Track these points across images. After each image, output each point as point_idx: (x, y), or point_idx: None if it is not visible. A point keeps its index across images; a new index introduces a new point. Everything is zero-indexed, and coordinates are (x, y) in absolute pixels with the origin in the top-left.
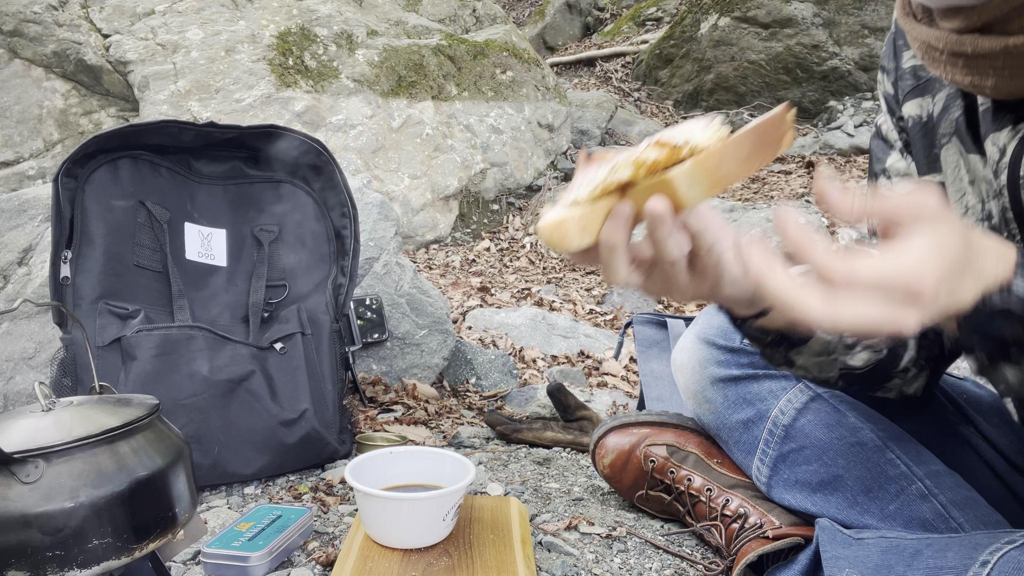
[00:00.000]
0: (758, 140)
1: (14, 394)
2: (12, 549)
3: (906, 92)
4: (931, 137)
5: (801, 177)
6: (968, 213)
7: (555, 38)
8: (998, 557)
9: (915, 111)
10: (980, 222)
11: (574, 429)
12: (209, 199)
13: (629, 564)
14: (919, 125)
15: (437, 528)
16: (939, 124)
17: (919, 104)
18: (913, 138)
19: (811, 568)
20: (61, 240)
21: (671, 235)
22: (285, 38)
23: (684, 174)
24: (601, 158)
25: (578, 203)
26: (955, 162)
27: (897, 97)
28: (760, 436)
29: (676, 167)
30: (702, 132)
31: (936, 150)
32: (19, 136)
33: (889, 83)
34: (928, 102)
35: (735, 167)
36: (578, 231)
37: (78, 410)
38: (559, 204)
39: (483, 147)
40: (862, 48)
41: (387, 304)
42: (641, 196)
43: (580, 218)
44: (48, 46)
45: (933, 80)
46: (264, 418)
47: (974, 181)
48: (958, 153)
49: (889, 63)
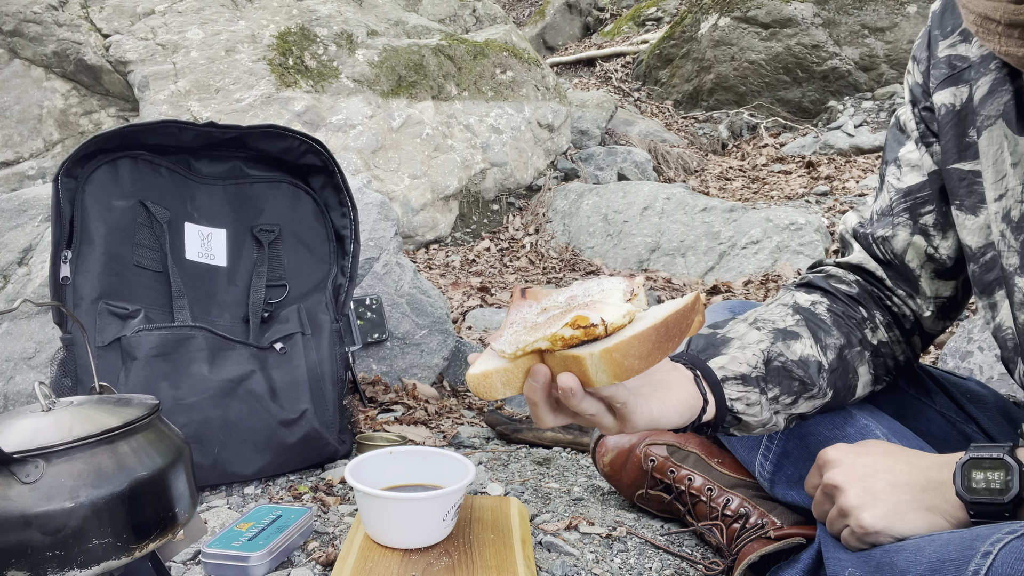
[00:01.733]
0: (665, 332)
1: (14, 394)
2: (12, 549)
3: (939, 81)
4: (964, 125)
5: (801, 177)
6: (1007, 195)
7: (555, 38)
8: (1000, 547)
9: (947, 99)
10: (1019, 203)
11: (574, 429)
12: (209, 199)
13: (629, 564)
14: (951, 113)
15: (437, 528)
16: (980, 109)
17: (952, 93)
18: (943, 126)
19: (813, 567)
20: (61, 240)
21: (583, 402)
22: (285, 38)
23: (592, 358)
24: (534, 296)
25: (504, 356)
26: (998, 145)
27: (927, 86)
28: None
29: (587, 347)
30: (617, 309)
31: (968, 138)
32: (19, 136)
33: (919, 72)
34: (963, 90)
35: (638, 362)
36: (501, 385)
37: (78, 410)
38: (486, 352)
39: (483, 147)
40: (862, 48)
41: (387, 304)
42: (557, 364)
43: (504, 372)
44: (48, 46)
45: (969, 69)
46: (264, 418)
47: (1017, 164)
48: (1003, 136)
49: (922, 53)
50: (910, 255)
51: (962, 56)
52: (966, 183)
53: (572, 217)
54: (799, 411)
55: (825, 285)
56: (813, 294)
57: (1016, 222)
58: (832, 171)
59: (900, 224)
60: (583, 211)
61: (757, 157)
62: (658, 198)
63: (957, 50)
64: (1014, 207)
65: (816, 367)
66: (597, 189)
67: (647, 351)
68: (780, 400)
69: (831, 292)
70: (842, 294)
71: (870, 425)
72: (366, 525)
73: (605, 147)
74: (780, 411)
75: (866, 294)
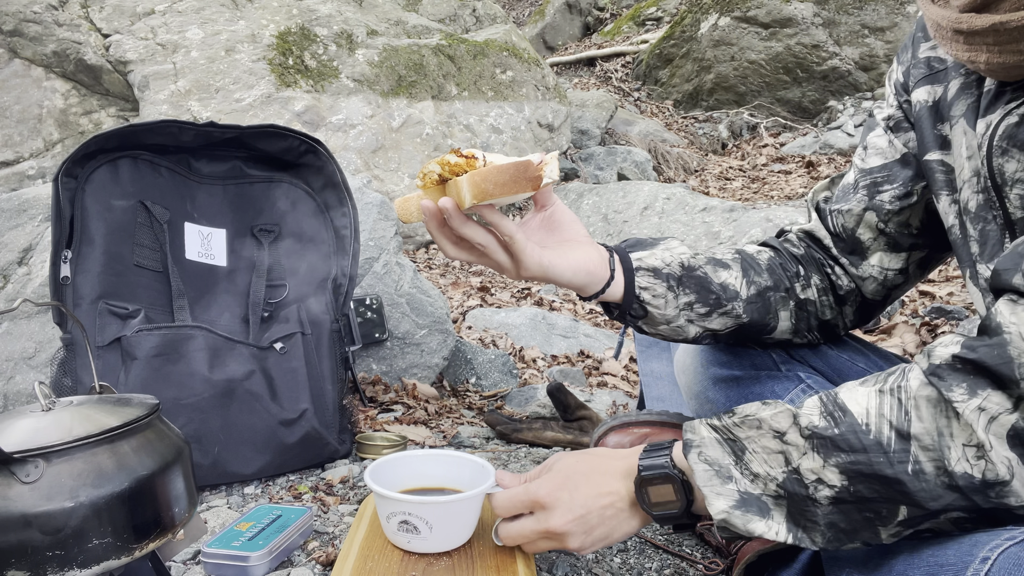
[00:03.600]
0: (524, 170)
1: (14, 394)
2: (12, 549)
3: (918, 79)
4: (936, 119)
5: (801, 177)
6: (965, 185)
7: (555, 38)
8: (998, 553)
9: (924, 96)
10: (976, 194)
11: (574, 429)
12: (209, 199)
13: (629, 564)
14: (926, 107)
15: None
16: (952, 106)
17: (928, 90)
18: (920, 120)
19: (811, 568)
20: (61, 240)
21: (464, 225)
22: (285, 38)
23: (461, 182)
24: None
25: (418, 186)
26: (959, 140)
27: (907, 84)
28: None
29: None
30: (505, 158)
31: (943, 131)
32: (19, 136)
33: (901, 72)
34: (938, 89)
35: (495, 188)
36: (415, 210)
37: (78, 410)
38: None
39: (483, 147)
40: (862, 48)
41: (387, 304)
42: (449, 191)
43: (417, 199)
44: (48, 46)
45: (946, 71)
46: (264, 418)
47: (971, 157)
48: (962, 132)
49: (905, 53)
50: (862, 229)
51: (940, 58)
52: (936, 172)
53: None
54: (712, 326)
55: (776, 244)
56: (763, 248)
57: (973, 212)
58: (832, 171)
59: (857, 199)
60: (583, 211)
61: (757, 157)
62: (658, 198)
63: (936, 52)
64: (971, 198)
65: (734, 294)
66: (597, 189)
67: (503, 181)
68: (694, 308)
69: (778, 249)
70: (787, 253)
71: None
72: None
73: (605, 147)
74: (694, 320)
75: (809, 258)
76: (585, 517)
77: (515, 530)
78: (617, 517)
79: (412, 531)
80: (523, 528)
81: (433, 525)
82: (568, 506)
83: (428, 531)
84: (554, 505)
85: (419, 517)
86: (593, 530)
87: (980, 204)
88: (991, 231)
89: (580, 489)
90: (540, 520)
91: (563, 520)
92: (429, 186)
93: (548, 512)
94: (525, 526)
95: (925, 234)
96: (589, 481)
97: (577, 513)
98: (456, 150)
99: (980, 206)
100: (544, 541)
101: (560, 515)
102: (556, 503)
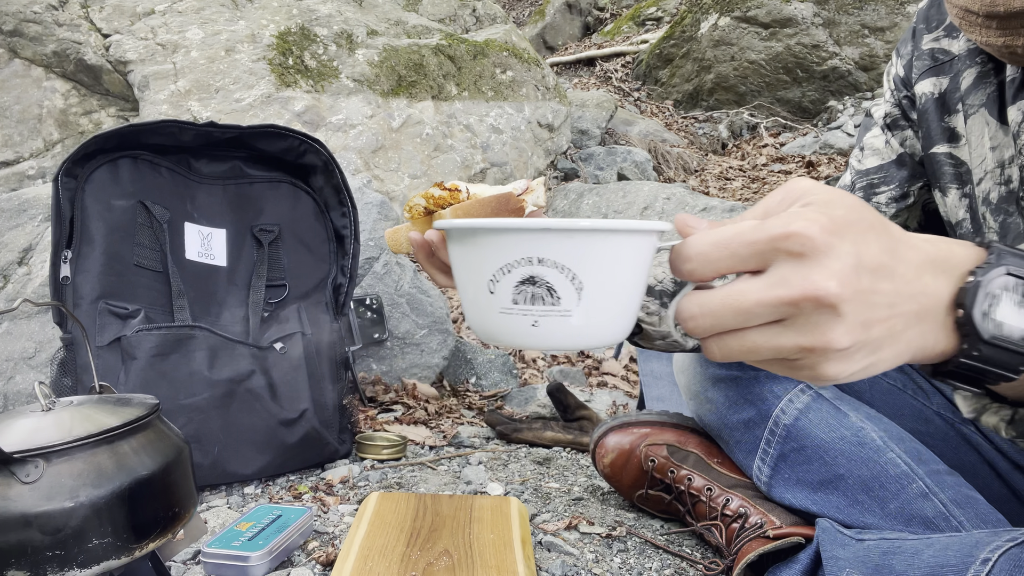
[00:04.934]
0: (506, 202)
1: (14, 394)
2: (12, 549)
3: (922, 71)
4: (944, 111)
5: (801, 177)
6: (986, 178)
7: (555, 38)
8: (999, 555)
9: (929, 88)
10: (998, 185)
11: (574, 429)
12: (209, 199)
13: (629, 564)
14: (932, 100)
15: None
16: (966, 98)
17: (934, 82)
18: (924, 113)
19: (811, 568)
20: (61, 240)
21: None
22: (285, 38)
23: (445, 215)
24: None
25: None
26: (980, 131)
27: (908, 78)
28: (761, 436)
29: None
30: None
31: (947, 123)
32: (19, 136)
33: (902, 65)
34: (943, 81)
35: None
36: (404, 240)
37: (78, 410)
38: None
39: (483, 147)
40: (862, 48)
41: (387, 304)
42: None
43: (406, 230)
44: (48, 46)
45: (952, 62)
46: (264, 418)
47: (995, 147)
48: (984, 123)
49: (905, 47)
50: None
51: (945, 50)
52: (943, 165)
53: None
54: None
55: None
56: None
57: (995, 203)
58: (832, 171)
59: None
60: (583, 211)
61: (757, 157)
62: (658, 198)
63: (941, 44)
64: (992, 189)
65: None
66: (597, 189)
67: (485, 214)
68: None
69: None
70: None
71: (865, 428)
72: None
73: (605, 147)
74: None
75: None
76: (876, 289)
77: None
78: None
79: (544, 299)
80: (747, 294)
81: (585, 282)
82: (855, 258)
83: (575, 296)
84: (826, 250)
85: (562, 267)
86: (875, 324)
87: (1002, 196)
88: (1012, 223)
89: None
90: (793, 275)
91: (842, 277)
92: (416, 217)
93: (812, 260)
94: (750, 292)
95: None
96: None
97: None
98: (439, 183)
99: (1002, 197)
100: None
101: (836, 267)
102: (830, 249)
